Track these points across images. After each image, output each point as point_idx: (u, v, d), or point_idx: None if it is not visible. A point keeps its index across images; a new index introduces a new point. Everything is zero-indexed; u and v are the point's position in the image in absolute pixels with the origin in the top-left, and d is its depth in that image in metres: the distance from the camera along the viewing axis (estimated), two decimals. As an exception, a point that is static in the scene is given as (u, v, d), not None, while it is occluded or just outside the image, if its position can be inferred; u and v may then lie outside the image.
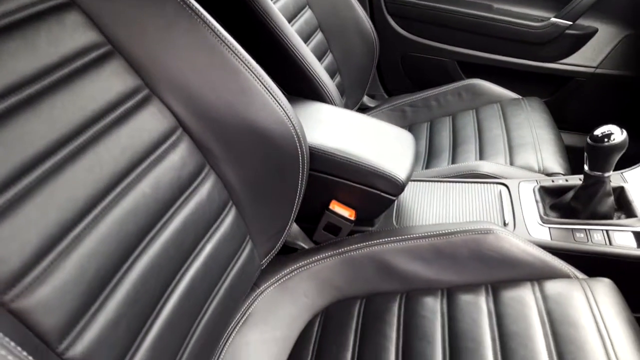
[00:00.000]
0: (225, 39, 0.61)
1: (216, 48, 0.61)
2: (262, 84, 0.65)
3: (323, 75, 0.98)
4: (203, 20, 0.59)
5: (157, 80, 0.59)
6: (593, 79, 1.42)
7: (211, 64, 0.61)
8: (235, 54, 0.62)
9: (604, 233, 0.76)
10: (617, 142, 0.72)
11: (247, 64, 0.63)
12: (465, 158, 1.13)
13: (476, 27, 1.44)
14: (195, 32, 0.60)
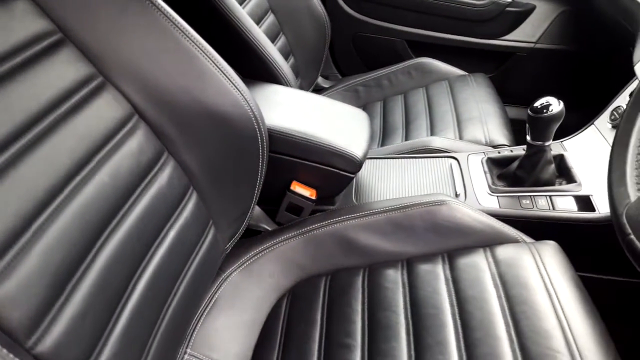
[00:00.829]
0: (178, 23, 0.60)
1: (169, 32, 0.60)
2: (217, 67, 0.65)
3: (277, 57, 0.98)
4: (155, 5, 0.58)
5: (110, 67, 0.57)
6: (533, 53, 1.50)
7: (165, 49, 0.60)
8: (189, 37, 0.61)
9: (547, 199, 0.82)
10: (555, 113, 0.77)
11: (201, 48, 0.62)
12: (417, 134, 1.17)
13: (422, 7, 1.48)
14: (147, 17, 0.58)
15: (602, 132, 0.90)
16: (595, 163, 0.86)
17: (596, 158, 0.86)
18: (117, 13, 0.57)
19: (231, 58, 0.93)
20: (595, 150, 0.88)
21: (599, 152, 0.87)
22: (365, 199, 0.89)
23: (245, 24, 0.92)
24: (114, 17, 0.57)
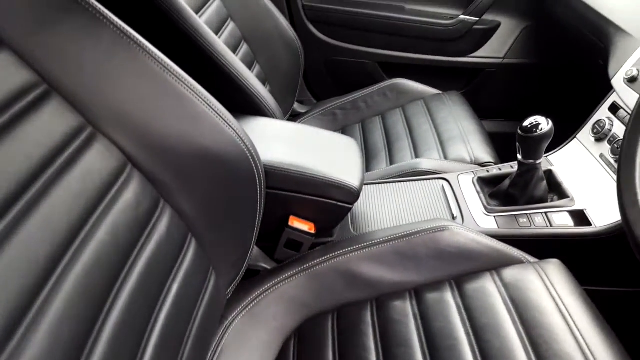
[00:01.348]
0: (167, 65, 0.58)
1: (159, 75, 0.57)
2: (209, 106, 0.62)
3: (260, 90, 0.96)
4: (142, 48, 0.56)
5: (99, 116, 0.54)
6: (501, 69, 1.54)
7: (155, 93, 0.58)
8: (179, 79, 0.59)
9: (543, 216, 0.83)
10: (545, 131, 0.78)
11: (192, 88, 0.60)
12: (402, 157, 1.17)
13: (392, 28, 1.50)
14: (135, 61, 0.55)
15: (586, 145, 0.92)
16: (583, 176, 0.87)
17: (584, 171, 0.88)
18: (103, 59, 0.54)
19: (215, 94, 0.91)
20: (582, 163, 0.90)
21: (586, 165, 0.89)
22: (364, 228, 0.88)
23: (226, 57, 0.90)
24: (101, 63, 0.54)
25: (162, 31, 0.85)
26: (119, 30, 0.54)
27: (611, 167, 0.83)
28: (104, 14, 0.54)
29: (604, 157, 0.86)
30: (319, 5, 1.51)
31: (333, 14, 1.50)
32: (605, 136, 0.87)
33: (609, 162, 0.84)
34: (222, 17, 1.17)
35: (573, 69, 1.40)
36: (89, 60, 0.53)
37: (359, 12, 1.50)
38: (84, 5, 0.52)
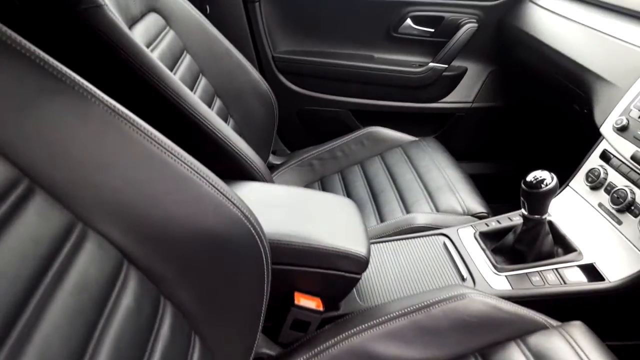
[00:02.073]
0: (164, 143, 0.51)
1: (156, 156, 0.50)
2: (212, 185, 0.56)
3: (248, 152, 0.90)
4: (136, 127, 0.49)
5: (89, 209, 0.46)
6: (471, 112, 1.56)
7: (153, 177, 0.50)
8: (178, 158, 0.52)
9: (555, 272, 0.80)
10: (552, 187, 0.76)
11: (193, 167, 0.53)
12: (390, 210, 1.13)
13: (363, 77, 1.50)
14: (128, 143, 0.48)
15: (581, 194, 0.92)
16: (585, 227, 0.86)
17: (585, 222, 0.87)
18: (93, 143, 0.46)
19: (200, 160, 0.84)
20: (581, 213, 0.89)
21: (585, 215, 0.88)
22: (372, 298, 0.81)
23: (211, 120, 0.84)
24: (90, 148, 0.46)
25: (142, 98, 0.78)
26: (109, 109, 0.47)
27: (614, 218, 0.83)
28: (91, 91, 0.47)
29: (604, 206, 0.86)
30: (288, 56, 1.48)
31: (303, 64, 1.48)
32: (601, 185, 0.87)
33: (610, 212, 0.84)
34: (194, 73, 1.12)
35: (543, 111, 1.44)
36: (76, 146, 0.45)
37: (328, 62, 1.48)
38: (69, 84, 0.45)
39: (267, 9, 1.41)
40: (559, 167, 1.49)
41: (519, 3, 1.40)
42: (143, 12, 0.98)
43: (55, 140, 0.44)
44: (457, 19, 1.44)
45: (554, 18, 1.24)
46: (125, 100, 0.77)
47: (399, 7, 1.44)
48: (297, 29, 1.47)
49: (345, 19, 1.46)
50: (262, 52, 1.45)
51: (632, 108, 0.84)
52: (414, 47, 1.51)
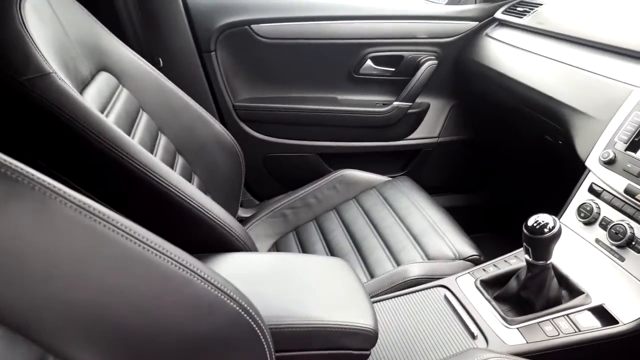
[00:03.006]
0: (146, 239, 0.42)
1: (137, 256, 0.41)
2: (204, 279, 0.47)
3: (227, 219, 0.81)
4: (111, 224, 0.40)
5: (60, 336, 0.36)
6: (438, 147, 1.56)
7: (134, 281, 0.41)
8: (164, 254, 0.43)
9: (567, 319, 0.76)
10: (556, 231, 0.73)
11: (181, 261, 0.44)
12: (377, 260, 1.07)
13: (329, 120, 1.45)
14: (103, 244, 0.39)
15: (575, 230, 0.90)
16: (586, 265, 0.84)
17: (584, 259, 0.85)
18: (60, 252, 0.37)
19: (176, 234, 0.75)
20: (578, 250, 0.87)
21: (583, 252, 0.86)
22: (383, 372, 0.74)
23: (183, 189, 0.75)
24: (56, 259, 0.37)
25: (104, 172, 0.69)
26: (77, 207, 0.38)
27: (615, 255, 0.81)
28: (55, 189, 0.37)
29: (602, 242, 0.84)
30: (250, 104, 1.42)
31: (266, 111, 1.42)
32: (595, 220, 0.86)
33: (610, 248, 0.82)
34: (152, 132, 1.03)
35: (512, 142, 1.45)
36: (38, 258, 0.36)
37: (291, 107, 1.43)
38: (28, 184, 0.36)
39: (224, 57, 1.35)
40: (535, 197, 1.50)
41: (476, 37, 1.42)
42: (93, 72, 0.89)
43: (11, 255, 0.34)
44: (416, 57, 1.44)
45: (513, 51, 1.26)
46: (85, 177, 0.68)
47: (358, 48, 1.42)
48: (257, 76, 1.42)
49: (305, 63, 1.42)
50: (222, 102, 1.38)
51: (616, 140, 0.84)
52: (376, 87, 1.49)
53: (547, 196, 1.13)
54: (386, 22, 1.41)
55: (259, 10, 1.32)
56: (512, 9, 1.37)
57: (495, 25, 1.40)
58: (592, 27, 1.07)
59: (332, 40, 1.39)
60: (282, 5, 1.36)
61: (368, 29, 1.41)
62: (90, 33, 0.92)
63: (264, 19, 1.32)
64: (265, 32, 1.33)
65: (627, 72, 0.90)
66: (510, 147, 1.46)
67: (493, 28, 1.40)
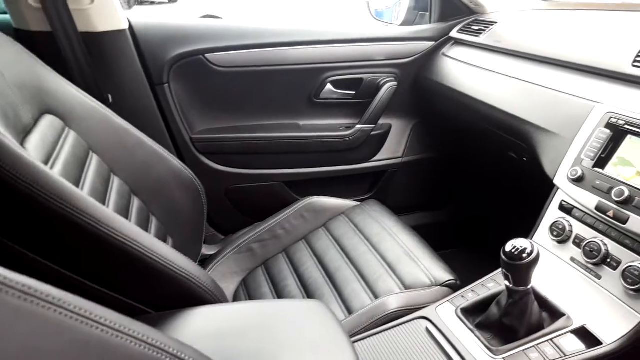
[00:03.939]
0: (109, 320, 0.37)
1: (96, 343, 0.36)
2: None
3: (191, 269, 0.75)
4: (65, 309, 0.34)
5: None
6: (403, 166, 1.55)
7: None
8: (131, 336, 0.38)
9: (552, 344, 0.74)
10: (535, 256, 0.72)
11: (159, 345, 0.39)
12: (352, 292, 1.03)
13: (292, 147, 1.42)
14: (56, 334, 0.34)
15: (549, 249, 0.89)
16: (564, 286, 0.83)
17: (561, 279, 0.84)
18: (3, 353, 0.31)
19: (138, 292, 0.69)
20: (555, 270, 0.86)
21: (560, 271, 0.85)
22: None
23: (143, 242, 0.68)
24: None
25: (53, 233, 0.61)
26: (23, 294, 0.32)
27: (591, 273, 0.80)
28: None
29: (577, 260, 0.83)
30: (208, 135, 1.36)
31: (225, 142, 1.37)
32: (568, 238, 0.85)
33: (585, 266, 0.81)
34: (104, 175, 0.95)
35: (475, 159, 1.46)
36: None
37: (253, 136, 1.38)
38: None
39: (178, 89, 1.29)
40: (504, 212, 1.51)
41: (433, 57, 1.43)
42: (36, 117, 0.82)
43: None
44: (376, 79, 1.43)
45: (471, 69, 1.27)
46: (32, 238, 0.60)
47: (317, 73, 1.40)
48: (214, 106, 1.37)
49: (264, 90, 1.38)
50: (178, 136, 1.31)
51: (583, 158, 0.84)
52: (338, 111, 1.47)
53: (516, 211, 1.14)
54: (344, 46, 1.40)
55: (213, 39, 1.28)
56: (467, 28, 1.39)
57: (452, 44, 1.42)
58: (549, 44, 1.09)
59: (290, 66, 1.37)
60: (237, 32, 1.32)
61: (326, 53, 1.39)
62: (31, 73, 0.85)
63: (218, 48, 1.28)
64: (220, 61, 1.29)
65: (587, 88, 0.92)
66: (475, 164, 1.47)
67: (449, 47, 1.42)
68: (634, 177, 0.76)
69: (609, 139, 0.81)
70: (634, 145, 0.78)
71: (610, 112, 0.83)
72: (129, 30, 1.18)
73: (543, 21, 1.24)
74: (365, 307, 0.95)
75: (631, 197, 0.74)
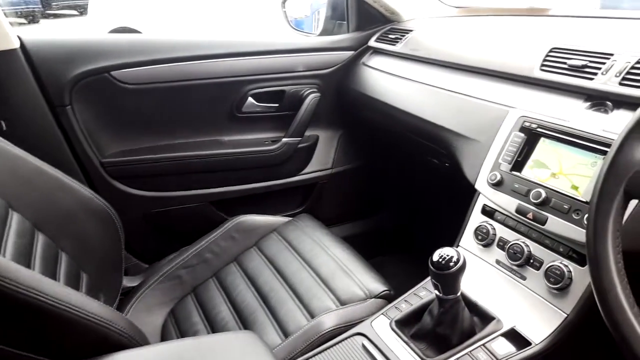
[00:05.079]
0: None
1: None
2: None
3: (104, 313, 0.67)
4: None
5: None
6: (333, 177, 1.53)
7: None
8: None
9: (484, 350, 0.75)
10: (462, 264, 0.72)
11: None
12: (287, 313, 0.99)
13: (215, 164, 1.35)
14: None
15: (475, 253, 0.90)
16: (491, 289, 0.84)
17: (489, 283, 0.85)
18: None
19: (45, 346, 0.60)
20: (482, 274, 0.87)
21: (486, 274, 0.86)
22: None
23: (44, 289, 0.59)
24: None
25: None
26: None
27: (516, 274, 0.82)
28: None
29: (502, 263, 0.85)
30: (121, 158, 1.26)
31: (142, 164, 1.27)
32: (492, 241, 0.87)
33: (510, 268, 0.83)
34: (1, 213, 0.84)
35: (400, 165, 1.47)
36: None
37: (172, 156, 1.30)
38: None
39: (83, 110, 1.18)
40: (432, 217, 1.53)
41: (353, 67, 1.44)
42: None
43: None
44: (299, 91, 1.41)
45: (390, 78, 1.29)
46: None
47: (237, 86, 1.35)
48: (126, 126, 1.27)
49: (180, 107, 1.31)
50: (86, 162, 1.20)
51: (501, 162, 0.86)
52: (262, 125, 1.43)
53: (444, 217, 1.15)
54: (264, 58, 1.36)
55: (120, 55, 1.19)
56: (385, 37, 1.40)
57: (371, 54, 1.43)
58: (463, 51, 1.12)
59: (208, 80, 1.31)
60: (147, 47, 1.24)
61: (246, 65, 1.35)
62: None
63: (127, 64, 1.19)
64: (129, 78, 1.20)
65: (501, 93, 0.95)
66: (403, 171, 1.49)
67: (368, 56, 1.43)
68: (549, 179, 0.79)
69: (524, 142, 0.84)
70: (548, 148, 0.82)
71: (523, 116, 0.86)
72: (21, 49, 1.06)
73: (456, 28, 1.28)
74: (301, 328, 0.91)
75: (548, 199, 0.76)
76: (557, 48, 0.90)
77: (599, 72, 0.80)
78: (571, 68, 0.85)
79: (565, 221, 0.73)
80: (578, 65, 0.83)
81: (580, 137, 0.77)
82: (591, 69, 0.82)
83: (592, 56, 0.83)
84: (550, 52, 0.91)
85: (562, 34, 0.98)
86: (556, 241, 0.77)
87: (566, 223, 0.73)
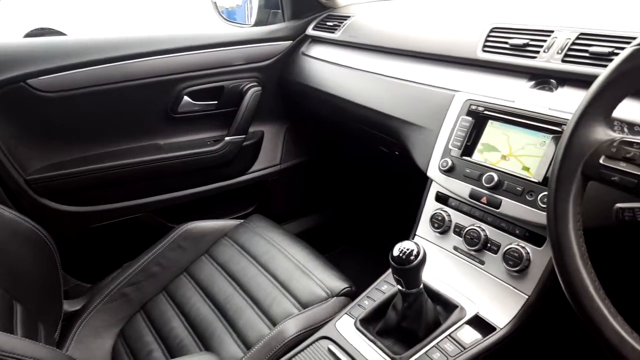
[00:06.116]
0: None
1: None
2: None
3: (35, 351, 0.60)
4: None
5: None
6: (282, 173, 1.49)
7: None
8: None
9: (450, 340, 0.74)
10: (422, 257, 0.70)
11: None
12: (250, 323, 0.94)
13: (155, 171, 1.27)
14: None
15: (432, 241, 0.89)
16: (452, 276, 0.83)
17: (448, 270, 0.84)
18: None
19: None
20: (441, 262, 0.86)
21: (446, 262, 0.85)
22: None
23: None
24: None
25: None
26: None
27: (475, 259, 0.81)
28: None
29: (460, 249, 0.84)
30: (49, 174, 1.14)
31: (73, 177, 1.17)
32: (449, 228, 0.86)
33: (469, 253, 0.82)
34: None
35: (350, 156, 1.45)
36: None
37: (105, 166, 1.20)
38: None
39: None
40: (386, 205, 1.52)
41: (292, 57, 1.39)
42: None
43: None
44: (238, 85, 1.34)
45: (331, 67, 1.25)
46: None
47: (170, 85, 1.26)
48: (50, 138, 1.15)
49: (109, 112, 1.21)
50: (8, 180, 1.08)
51: (451, 148, 0.85)
52: (202, 124, 1.35)
53: (399, 206, 1.14)
54: (197, 53, 1.28)
55: (35, 61, 1.07)
56: (322, 24, 1.36)
57: (309, 43, 1.38)
58: (404, 36, 1.09)
59: (137, 81, 1.21)
60: (66, 50, 1.12)
61: (178, 62, 1.26)
62: None
63: (44, 71, 1.07)
64: (49, 86, 1.08)
65: (445, 77, 0.93)
66: (354, 162, 1.46)
67: (307, 45, 1.38)
68: (500, 162, 0.78)
69: (472, 126, 0.83)
70: (496, 130, 0.81)
71: (469, 99, 0.85)
72: None
73: (395, 12, 1.25)
74: (263, 338, 0.87)
75: (500, 182, 0.76)
76: (498, 28, 0.90)
77: (541, 50, 0.80)
78: (513, 47, 0.84)
79: (519, 203, 0.73)
80: (520, 44, 0.83)
81: (527, 117, 0.76)
82: (533, 47, 0.82)
83: (533, 34, 0.83)
84: (492, 32, 0.90)
85: (502, 11, 0.97)
86: (512, 224, 0.77)
87: (520, 205, 0.73)
